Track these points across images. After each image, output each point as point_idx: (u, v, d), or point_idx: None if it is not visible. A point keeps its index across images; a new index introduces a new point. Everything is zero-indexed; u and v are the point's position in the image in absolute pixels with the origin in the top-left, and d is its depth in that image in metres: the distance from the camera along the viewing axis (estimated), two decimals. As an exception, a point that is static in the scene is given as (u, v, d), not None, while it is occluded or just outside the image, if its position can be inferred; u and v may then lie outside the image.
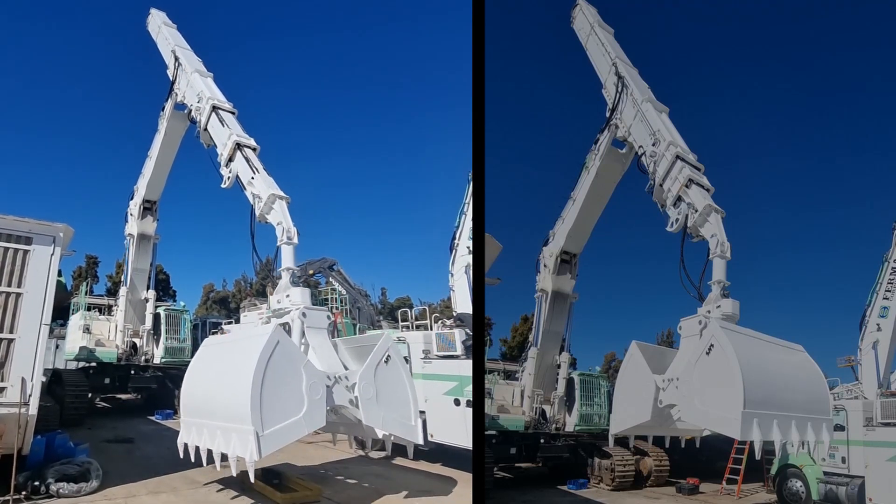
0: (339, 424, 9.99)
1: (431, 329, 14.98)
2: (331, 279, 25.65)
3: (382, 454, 14.27)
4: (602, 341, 57.48)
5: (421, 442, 9.97)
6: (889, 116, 46.00)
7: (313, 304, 9.96)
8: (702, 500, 15.85)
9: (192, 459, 9.15)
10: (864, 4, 48.01)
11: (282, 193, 10.66)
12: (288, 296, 9.54)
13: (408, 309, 19.20)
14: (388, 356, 9.41)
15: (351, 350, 10.00)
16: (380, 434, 9.61)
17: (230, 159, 11.75)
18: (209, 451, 8.66)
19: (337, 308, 21.49)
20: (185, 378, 9.86)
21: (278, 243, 10.23)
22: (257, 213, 10.76)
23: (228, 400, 8.16)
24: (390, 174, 76.45)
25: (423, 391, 13.64)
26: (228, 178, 11.73)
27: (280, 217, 10.31)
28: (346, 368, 9.54)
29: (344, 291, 25.08)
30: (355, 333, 21.27)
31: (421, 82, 75.64)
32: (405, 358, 14.05)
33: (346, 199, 77.55)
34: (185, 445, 9.30)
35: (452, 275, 15.03)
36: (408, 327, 16.47)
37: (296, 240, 10.14)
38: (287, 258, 9.99)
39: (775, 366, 8.88)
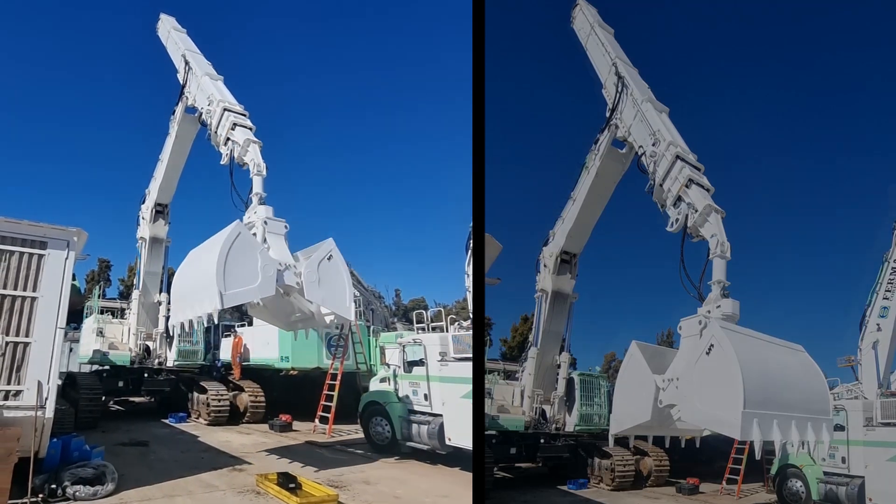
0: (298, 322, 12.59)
1: (447, 331, 14.97)
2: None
3: (397, 459, 14.29)
4: (602, 341, 57.17)
5: (352, 319, 12.30)
6: (889, 116, 45.52)
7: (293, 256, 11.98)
8: (702, 500, 15.91)
9: (178, 332, 12.04)
10: (864, 4, 47.74)
11: (255, 139, 13.03)
12: (255, 212, 11.92)
13: (423, 310, 19.21)
14: (331, 255, 11.68)
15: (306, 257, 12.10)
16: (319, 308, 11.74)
17: (227, 138, 13.51)
18: (190, 322, 10.89)
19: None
20: (174, 279, 12.43)
21: (251, 176, 12.50)
22: (236, 156, 13.14)
23: (202, 275, 10.45)
24: (400, 174, 76.39)
25: (440, 394, 13.81)
26: (227, 154, 13.54)
27: (253, 156, 12.69)
28: None
29: (357, 293, 25.13)
30: (369, 336, 21.34)
31: (421, 82, 75.71)
32: (421, 360, 14.40)
33: (356, 200, 77.48)
34: (173, 327, 11.79)
35: (468, 275, 15.12)
36: (423, 329, 16.47)
37: (264, 173, 12.49)
38: (257, 186, 12.34)
39: (775, 366, 8.88)
